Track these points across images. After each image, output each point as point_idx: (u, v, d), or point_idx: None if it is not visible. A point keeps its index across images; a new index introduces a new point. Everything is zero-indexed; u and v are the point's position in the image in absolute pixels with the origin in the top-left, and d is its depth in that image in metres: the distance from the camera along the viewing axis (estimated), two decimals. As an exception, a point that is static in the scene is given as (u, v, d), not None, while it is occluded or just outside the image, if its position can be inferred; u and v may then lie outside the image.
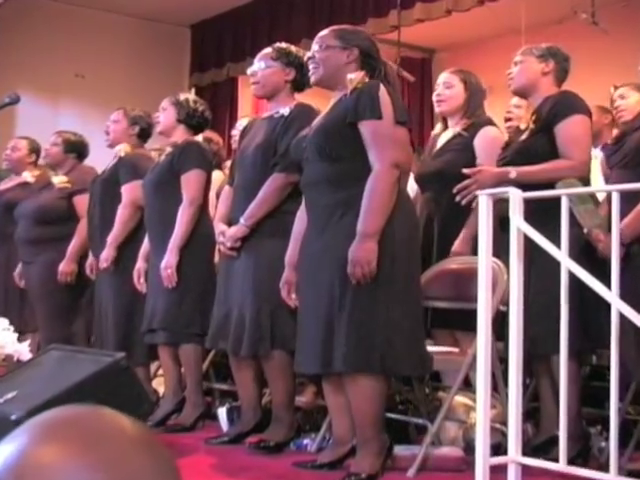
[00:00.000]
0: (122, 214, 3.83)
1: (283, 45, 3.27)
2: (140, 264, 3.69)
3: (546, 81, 3.01)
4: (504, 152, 3.05)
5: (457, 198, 2.82)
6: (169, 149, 3.65)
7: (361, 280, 2.50)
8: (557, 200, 2.30)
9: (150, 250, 3.65)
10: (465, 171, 2.85)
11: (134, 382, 2.69)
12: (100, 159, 4.35)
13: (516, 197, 2.24)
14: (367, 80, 2.69)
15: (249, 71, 3.26)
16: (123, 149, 3.95)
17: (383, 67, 2.76)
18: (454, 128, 3.46)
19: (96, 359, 2.72)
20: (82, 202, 4.23)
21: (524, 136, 2.98)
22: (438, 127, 3.65)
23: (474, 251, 2.84)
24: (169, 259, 3.45)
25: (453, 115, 3.47)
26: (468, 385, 3.06)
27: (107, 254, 3.79)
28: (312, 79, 2.80)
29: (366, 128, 2.60)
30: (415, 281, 2.68)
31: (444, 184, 3.11)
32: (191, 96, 3.82)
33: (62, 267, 4.20)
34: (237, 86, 7.74)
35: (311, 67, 2.78)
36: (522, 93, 3.10)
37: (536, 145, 2.90)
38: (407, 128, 2.68)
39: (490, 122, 3.45)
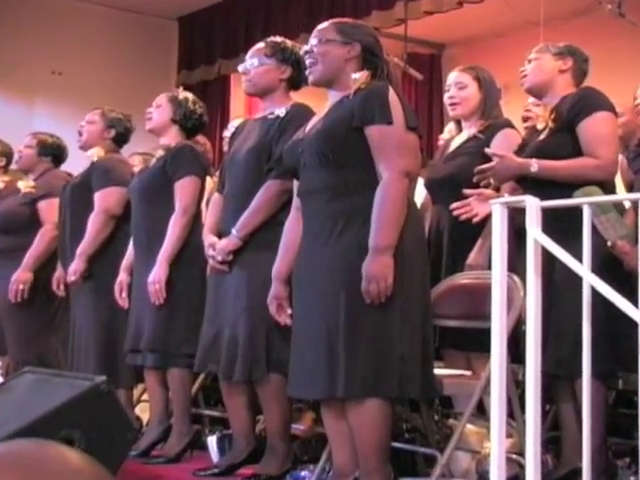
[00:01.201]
0: (94, 223, 3.85)
1: (277, 40, 3.27)
2: (122, 277, 3.70)
3: (563, 80, 3.04)
4: (519, 153, 3.06)
5: (474, 179, 2.88)
6: (161, 152, 3.65)
7: (376, 298, 2.51)
8: (577, 209, 2.31)
9: (135, 262, 3.66)
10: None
11: (116, 408, 2.69)
12: (79, 163, 4.37)
13: (533, 206, 2.25)
14: (372, 81, 2.70)
15: (240, 68, 3.28)
16: (96, 153, 3.97)
17: (386, 66, 2.77)
18: (469, 130, 3.47)
19: (74, 383, 2.72)
20: (46, 208, 4.27)
21: (542, 136, 2.99)
22: (449, 129, 3.66)
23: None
24: (158, 273, 3.45)
25: (468, 117, 3.48)
26: (482, 412, 3.06)
27: (76, 266, 3.80)
28: (310, 78, 2.81)
29: (374, 133, 2.61)
30: (424, 296, 2.69)
31: (456, 190, 3.11)
32: (190, 95, 3.81)
33: (16, 275, 4.21)
34: (229, 85, 7.78)
35: (308, 62, 2.79)
36: (536, 92, 3.13)
37: (556, 145, 2.92)
38: (417, 134, 2.69)
39: (509, 124, 3.45)
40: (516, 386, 2.80)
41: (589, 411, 2.25)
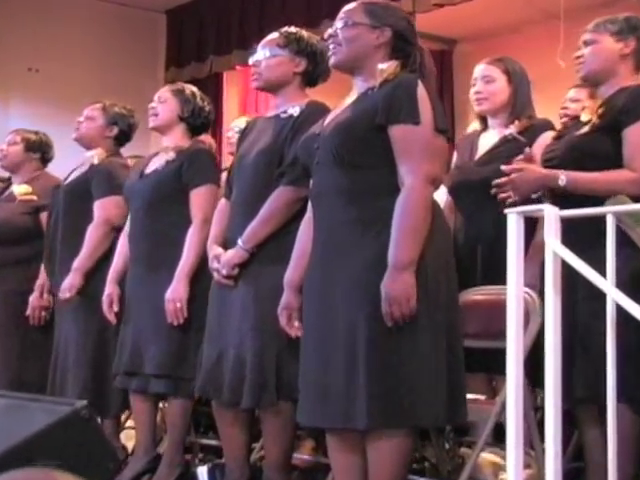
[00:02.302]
0: (93, 235, 3.82)
1: (293, 30, 3.24)
2: (112, 289, 3.68)
3: (624, 67, 2.95)
4: (553, 145, 3.03)
5: (492, 191, 2.83)
6: (172, 155, 3.61)
7: (398, 320, 2.46)
8: (603, 219, 2.31)
9: (132, 275, 3.63)
10: (504, 168, 2.85)
11: (98, 436, 2.68)
12: (58, 166, 4.37)
13: (552, 215, 2.25)
14: (400, 72, 2.65)
15: (251, 60, 3.24)
16: (97, 155, 3.93)
17: (420, 55, 2.72)
18: (499, 129, 3.43)
19: (52, 408, 2.71)
20: None
21: (584, 130, 2.93)
22: (473, 126, 3.63)
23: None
24: (178, 290, 3.41)
25: (496, 114, 3.45)
26: (499, 440, 3.05)
27: (72, 281, 3.77)
28: (332, 60, 2.75)
29: (399, 134, 2.56)
30: (452, 316, 2.62)
31: (491, 196, 3.05)
32: (196, 90, 3.79)
33: (34, 300, 4.14)
34: (222, 84, 7.79)
35: (331, 47, 2.74)
36: (593, 80, 3.03)
37: (596, 144, 2.87)
38: (446, 137, 2.64)
39: (551, 126, 3.40)
40: (535, 411, 2.80)
41: (614, 438, 2.25)
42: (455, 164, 3.58)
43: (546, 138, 3.25)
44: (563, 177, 2.81)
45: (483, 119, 3.54)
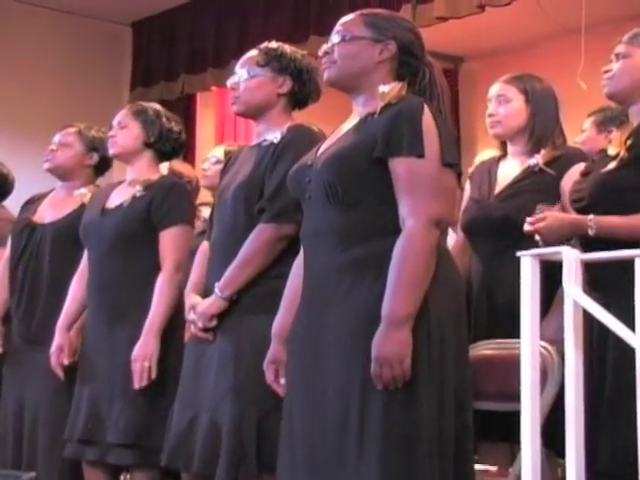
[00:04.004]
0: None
1: (273, 45, 3.24)
2: (62, 339, 3.65)
3: None
4: (580, 183, 3.02)
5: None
6: (139, 189, 3.59)
7: (390, 384, 2.42)
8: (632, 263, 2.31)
9: (91, 327, 3.61)
10: (528, 221, 2.83)
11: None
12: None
13: (571, 259, 2.26)
14: (405, 94, 2.64)
15: (229, 83, 3.25)
16: (88, 194, 3.89)
17: (429, 72, 2.71)
18: (521, 158, 3.43)
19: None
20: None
21: (611, 165, 2.94)
22: (481, 156, 3.62)
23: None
24: (146, 347, 3.38)
25: (514, 139, 3.46)
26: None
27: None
28: (325, 75, 2.74)
29: (400, 168, 2.53)
30: (460, 376, 2.58)
31: (513, 237, 3.06)
32: (161, 108, 3.79)
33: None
34: (194, 106, 7.82)
35: (325, 65, 2.73)
36: (620, 99, 3.05)
37: (626, 181, 2.87)
38: (456, 172, 2.61)
39: (583, 156, 3.40)
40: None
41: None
42: (471, 197, 3.56)
43: (577, 172, 3.21)
44: (592, 224, 2.80)
45: (503, 144, 3.54)
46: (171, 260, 3.49)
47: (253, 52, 3.24)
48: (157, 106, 3.80)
